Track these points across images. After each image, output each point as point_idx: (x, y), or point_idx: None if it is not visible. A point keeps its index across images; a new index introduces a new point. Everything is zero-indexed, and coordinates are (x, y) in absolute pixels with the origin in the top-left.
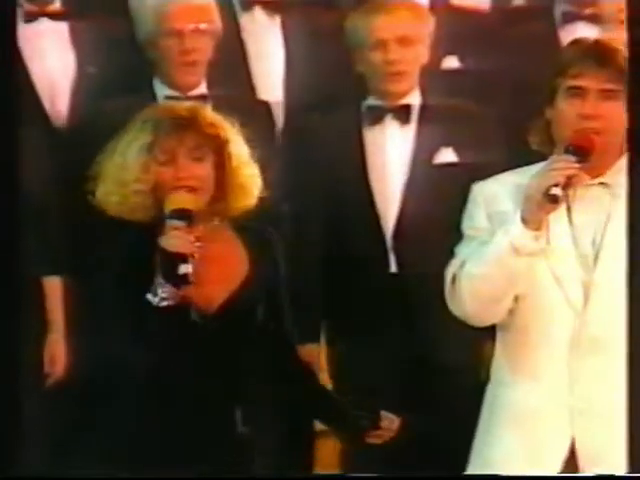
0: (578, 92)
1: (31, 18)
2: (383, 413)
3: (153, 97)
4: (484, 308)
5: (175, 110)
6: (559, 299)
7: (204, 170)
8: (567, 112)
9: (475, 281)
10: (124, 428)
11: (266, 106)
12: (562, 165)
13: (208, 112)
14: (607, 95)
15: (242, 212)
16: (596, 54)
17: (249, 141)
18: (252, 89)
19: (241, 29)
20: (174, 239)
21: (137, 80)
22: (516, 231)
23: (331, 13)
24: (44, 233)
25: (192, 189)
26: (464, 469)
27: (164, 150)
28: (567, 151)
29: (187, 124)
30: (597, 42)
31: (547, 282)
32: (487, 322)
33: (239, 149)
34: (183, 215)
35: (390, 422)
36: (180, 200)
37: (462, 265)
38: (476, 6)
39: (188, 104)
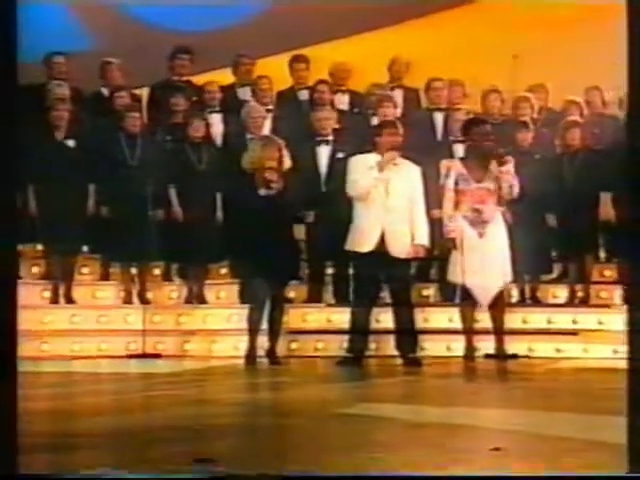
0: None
1: (212, 111)
2: None
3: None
4: (363, 194)
5: (270, 137)
6: (376, 191)
7: (276, 157)
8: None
9: (363, 185)
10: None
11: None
12: (395, 153)
13: (280, 140)
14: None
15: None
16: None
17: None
18: None
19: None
20: (269, 175)
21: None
22: (376, 173)
23: (296, 112)
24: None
25: (272, 161)
26: None
27: (266, 148)
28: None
29: (274, 142)
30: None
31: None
32: (363, 199)
33: (287, 154)
34: (271, 169)
35: None
36: (270, 164)
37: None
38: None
39: (275, 137)
